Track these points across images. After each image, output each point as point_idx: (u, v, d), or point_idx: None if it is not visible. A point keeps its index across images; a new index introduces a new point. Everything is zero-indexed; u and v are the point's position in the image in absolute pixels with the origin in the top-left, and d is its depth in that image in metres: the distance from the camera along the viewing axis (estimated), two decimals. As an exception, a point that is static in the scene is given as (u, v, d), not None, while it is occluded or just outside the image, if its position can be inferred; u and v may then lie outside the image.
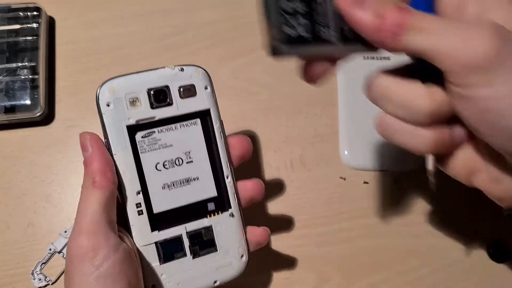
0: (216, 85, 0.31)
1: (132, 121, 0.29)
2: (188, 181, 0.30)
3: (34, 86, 0.40)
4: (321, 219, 0.40)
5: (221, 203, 0.31)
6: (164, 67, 0.30)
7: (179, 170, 0.30)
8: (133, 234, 0.29)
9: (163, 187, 0.30)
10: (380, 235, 0.40)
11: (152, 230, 0.29)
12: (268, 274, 0.38)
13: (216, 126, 0.30)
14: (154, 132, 0.29)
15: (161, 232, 0.29)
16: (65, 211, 0.39)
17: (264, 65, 0.45)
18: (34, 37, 0.41)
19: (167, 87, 0.29)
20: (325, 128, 0.43)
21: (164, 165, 0.30)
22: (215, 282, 0.30)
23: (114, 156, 0.28)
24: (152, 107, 0.29)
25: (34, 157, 0.41)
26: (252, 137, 0.42)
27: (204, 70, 0.31)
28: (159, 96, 0.29)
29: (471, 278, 0.39)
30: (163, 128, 0.30)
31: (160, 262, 0.29)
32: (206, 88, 0.30)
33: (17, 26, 0.42)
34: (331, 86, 0.44)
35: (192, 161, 0.30)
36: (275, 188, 0.41)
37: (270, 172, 0.41)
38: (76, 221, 0.27)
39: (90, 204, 0.26)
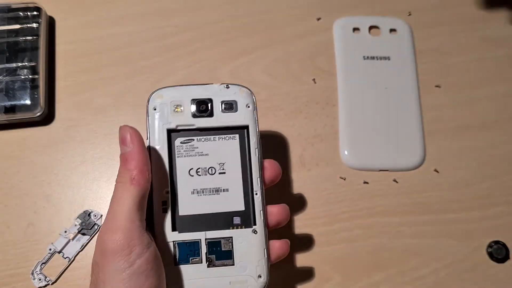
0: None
1: (172, 125, 0.31)
2: (217, 191, 0.31)
3: (34, 86, 0.40)
4: (321, 219, 0.40)
5: (246, 218, 0.31)
6: (212, 83, 0.32)
7: (210, 178, 0.31)
8: (155, 229, 0.30)
9: (193, 192, 0.31)
10: (380, 235, 0.40)
11: (173, 230, 0.30)
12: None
13: (252, 142, 0.32)
14: (193, 140, 0.32)
15: (181, 233, 0.30)
16: (65, 211, 0.39)
17: (264, 65, 0.45)
18: (34, 37, 0.41)
19: (210, 99, 0.32)
20: (325, 128, 0.43)
21: (197, 172, 0.31)
22: None
23: (151, 156, 0.30)
24: (193, 116, 0.31)
25: (34, 157, 0.41)
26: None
27: (249, 89, 0.33)
28: (201, 107, 0.31)
29: (471, 278, 0.39)
30: (202, 137, 0.32)
31: (174, 263, 0.30)
32: (248, 106, 0.32)
33: (17, 26, 0.42)
34: (331, 86, 0.44)
35: (224, 173, 0.31)
36: (275, 188, 0.41)
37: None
38: (111, 216, 0.27)
39: (127, 201, 0.27)
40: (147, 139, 0.31)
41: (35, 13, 0.42)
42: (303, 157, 0.42)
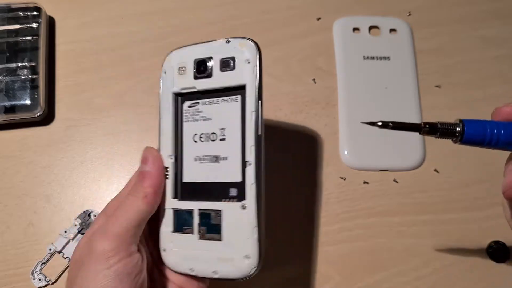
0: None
1: (176, 89, 0.30)
2: (217, 158, 0.29)
3: (34, 86, 0.40)
4: (321, 219, 0.40)
5: (241, 191, 0.28)
6: (216, 39, 0.30)
7: (212, 145, 0.29)
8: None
9: (195, 159, 0.30)
10: (380, 235, 0.40)
11: (173, 197, 0.30)
12: (268, 274, 0.38)
13: (248, 103, 0.28)
14: (198, 103, 0.30)
15: (180, 201, 0.30)
16: (65, 211, 0.39)
17: (264, 65, 0.44)
18: (34, 37, 0.41)
19: (210, 58, 0.29)
20: (325, 128, 0.43)
21: (200, 138, 0.30)
22: (215, 272, 0.28)
23: (160, 120, 0.30)
24: (195, 77, 0.30)
25: (34, 157, 0.41)
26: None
27: (252, 41, 0.29)
28: (201, 68, 0.30)
29: (471, 278, 0.39)
30: (206, 100, 0.30)
31: (172, 230, 0.30)
32: (248, 62, 0.28)
33: (17, 26, 0.42)
34: (331, 86, 0.44)
35: (224, 139, 0.29)
36: (275, 188, 0.41)
37: (269, 172, 0.41)
38: (113, 220, 0.28)
39: (133, 213, 0.28)
40: (159, 103, 0.31)
41: (35, 13, 0.42)
42: (303, 157, 0.42)
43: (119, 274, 0.26)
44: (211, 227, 0.28)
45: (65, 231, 0.38)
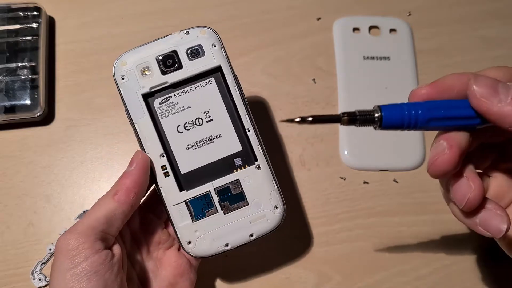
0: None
1: (146, 90, 0.31)
2: (211, 139, 0.31)
3: (34, 86, 0.40)
4: (321, 219, 0.40)
5: (247, 157, 0.31)
6: (171, 33, 0.32)
7: (200, 129, 0.31)
8: (163, 195, 0.31)
9: (187, 148, 0.31)
10: (380, 235, 0.40)
11: (180, 190, 0.31)
12: (268, 274, 0.38)
13: (229, 81, 0.31)
14: (171, 97, 0.31)
15: (189, 191, 0.31)
16: (65, 211, 0.39)
17: (264, 65, 0.45)
18: (34, 37, 0.41)
19: (174, 51, 0.31)
20: (325, 128, 0.43)
21: (185, 127, 0.31)
22: (251, 235, 0.31)
23: (135, 124, 0.31)
24: (163, 73, 0.31)
25: (34, 157, 0.41)
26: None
27: (210, 28, 0.32)
28: (168, 62, 0.31)
29: (471, 278, 0.39)
30: (179, 91, 0.31)
31: (192, 220, 0.31)
32: (214, 46, 0.31)
33: (17, 26, 0.42)
34: (331, 86, 0.44)
35: (212, 120, 0.31)
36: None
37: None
38: (82, 219, 0.28)
39: (99, 210, 0.28)
40: (126, 110, 0.31)
41: (35, 13, 0.42)
42: (303, 157, 0.42)
43: (87, 273, 0.26)
44: (233, 198, 0.31)
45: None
